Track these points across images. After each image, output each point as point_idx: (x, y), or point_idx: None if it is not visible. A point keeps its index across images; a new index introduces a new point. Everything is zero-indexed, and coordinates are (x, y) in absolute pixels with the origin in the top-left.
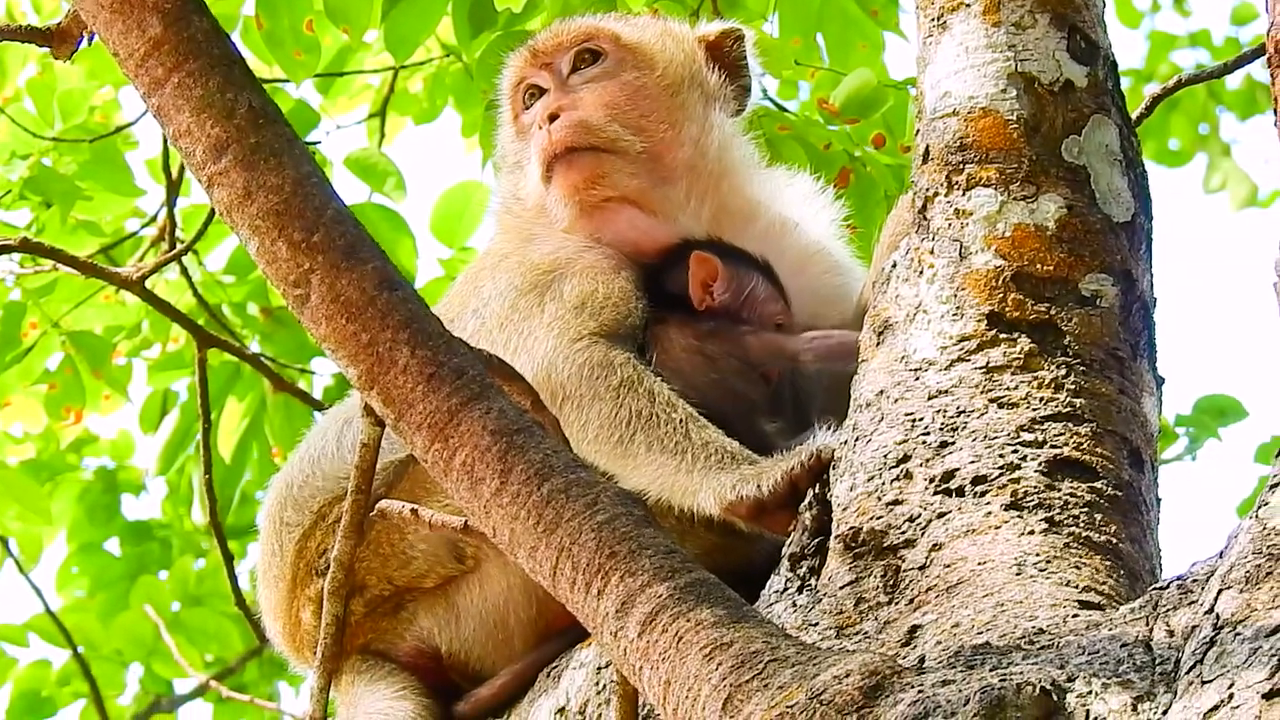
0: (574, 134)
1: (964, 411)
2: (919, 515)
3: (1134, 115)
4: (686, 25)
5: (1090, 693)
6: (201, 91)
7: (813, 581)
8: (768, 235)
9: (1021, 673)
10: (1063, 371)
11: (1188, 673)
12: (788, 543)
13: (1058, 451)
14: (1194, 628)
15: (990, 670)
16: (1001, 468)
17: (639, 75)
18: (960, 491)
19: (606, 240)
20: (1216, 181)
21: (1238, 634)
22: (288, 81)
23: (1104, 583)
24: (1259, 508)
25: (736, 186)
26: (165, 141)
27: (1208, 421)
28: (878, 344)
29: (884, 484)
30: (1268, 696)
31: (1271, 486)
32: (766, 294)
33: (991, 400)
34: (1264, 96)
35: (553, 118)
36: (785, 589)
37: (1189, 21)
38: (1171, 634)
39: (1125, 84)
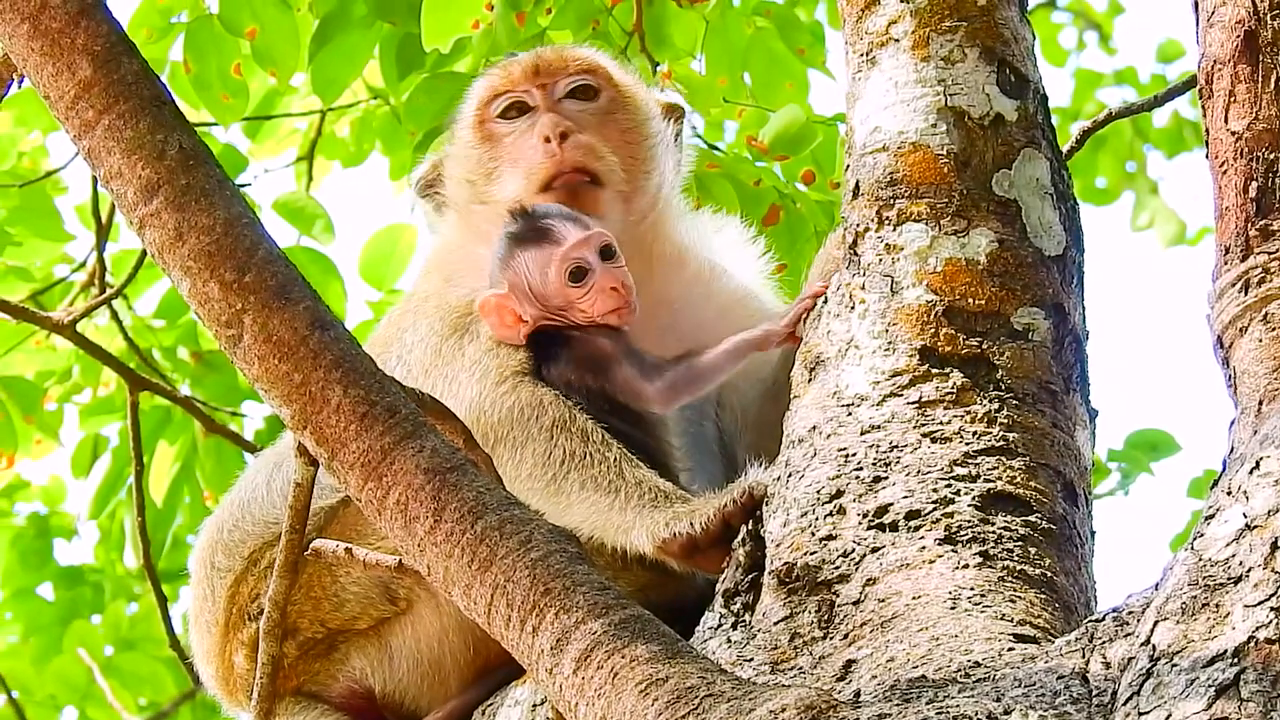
0: (585, 155)
1: (897, 446)
2: (853, 550)
3: (1064, 150)
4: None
5: None
6: (132, 133)
7: (747, 617)
8: (695, 281)
9: (958, 705)
10: (995, 405)
11: (1125, 704)
12: (722, 579)
13: (991, 485)
14: (1130, 659)
15: (926, 704)
16: (935, 502)
17: (628, 117)
18: (894, 526)
19: None
20: (1144, 219)
21: (1174, 665)
22: (215, 125)
23: (1039, 616)
24: (1194, 539)
25: (668, 233)
26: (94, 186)
27: (1139, 456)
28: (809, 380)
29: (817, 519)
30: None
31: (1207, 518)
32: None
33: (924, 435)
34: (1190, 134)
35: (563, 136)
36: (720, 625)
37: (1115, 59)
38: (1108, 666)
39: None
